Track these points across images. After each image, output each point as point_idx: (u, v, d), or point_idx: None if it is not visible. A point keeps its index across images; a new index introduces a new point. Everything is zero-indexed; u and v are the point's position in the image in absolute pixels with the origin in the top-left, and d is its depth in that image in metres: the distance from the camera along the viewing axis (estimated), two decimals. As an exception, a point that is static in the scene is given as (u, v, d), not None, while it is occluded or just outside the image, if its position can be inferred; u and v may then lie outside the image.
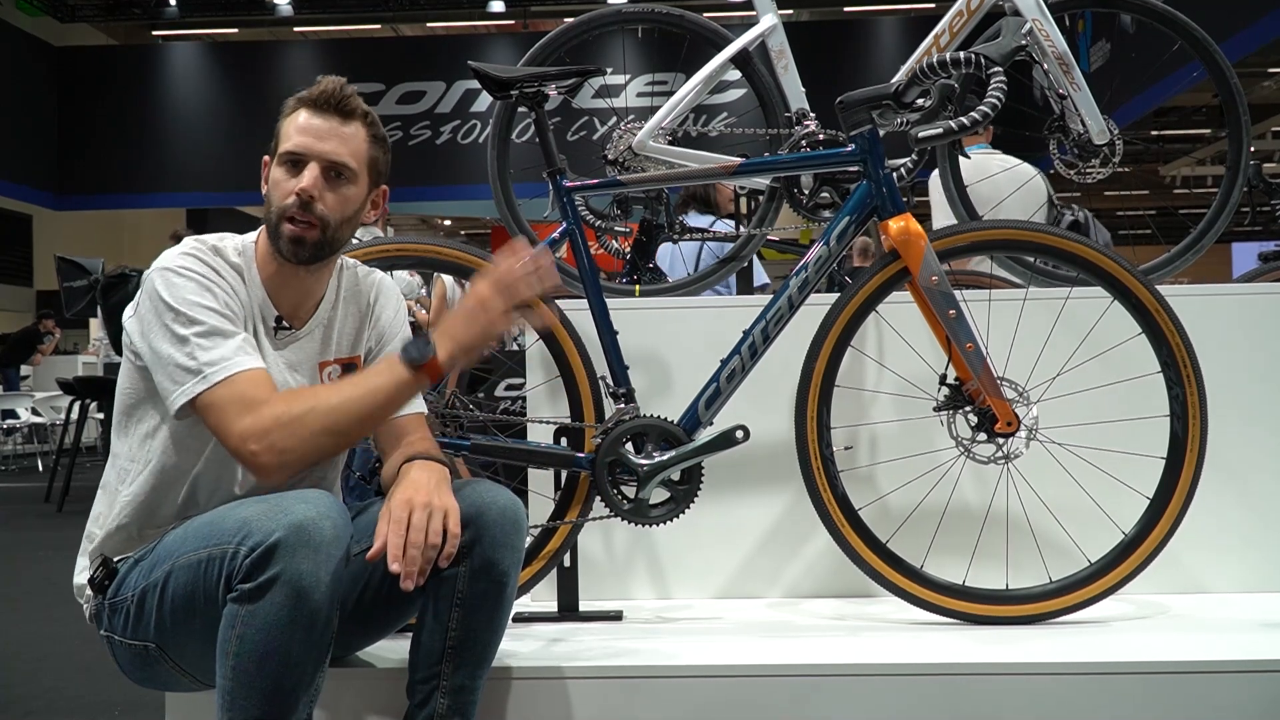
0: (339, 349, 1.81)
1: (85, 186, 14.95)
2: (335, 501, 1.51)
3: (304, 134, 1.67)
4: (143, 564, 1.61)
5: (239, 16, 16.05)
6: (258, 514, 1.45)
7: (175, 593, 1.53)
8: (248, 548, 1.43)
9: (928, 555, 2.12)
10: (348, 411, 1.57)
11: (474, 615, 1.63)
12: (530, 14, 15.59)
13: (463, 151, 13.95)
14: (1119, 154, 2.55)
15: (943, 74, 1.96)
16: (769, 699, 1.79)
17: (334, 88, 1.69)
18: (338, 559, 1.46)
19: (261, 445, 1.52)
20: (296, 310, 1.75)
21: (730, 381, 2.03)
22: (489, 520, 1.63)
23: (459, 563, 1.61)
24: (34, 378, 12.39)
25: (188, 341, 1.57)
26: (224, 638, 1.44)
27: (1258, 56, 9.92)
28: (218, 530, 1.49)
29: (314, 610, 1.42)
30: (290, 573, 1.41)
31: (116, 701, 2.94)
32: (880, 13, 15.50)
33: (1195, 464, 2.02)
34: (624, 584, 2.36)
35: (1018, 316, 2.23)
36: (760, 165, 2.31)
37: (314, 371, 1.77)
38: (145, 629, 1.58)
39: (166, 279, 1.61)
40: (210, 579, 1.47)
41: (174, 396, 1.57)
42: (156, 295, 1.61)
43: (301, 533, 1.42)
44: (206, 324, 1.59)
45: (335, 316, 1.80)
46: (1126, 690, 1.77)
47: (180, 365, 1.57)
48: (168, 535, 1.62)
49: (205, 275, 1.64)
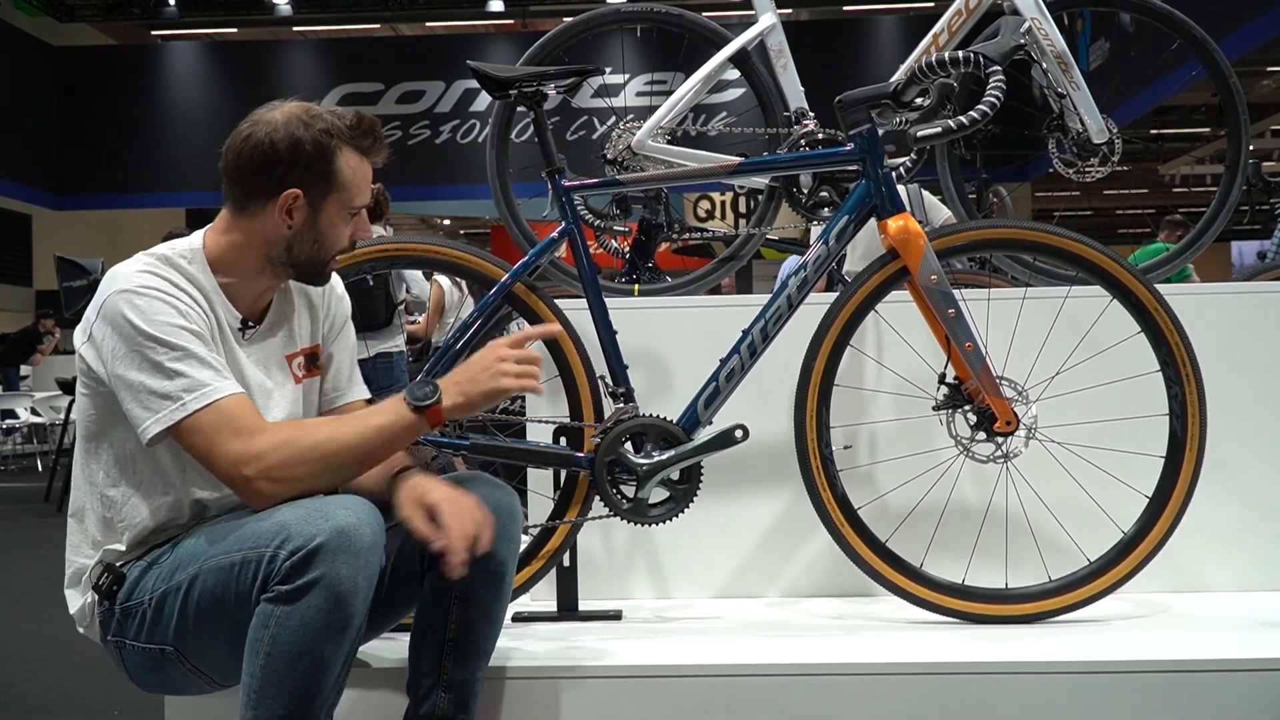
0: (300, 339, 1.81)
1: (85, 186, 14.94)
2: (371, 507, 1.50)
3: (367, 187, 1.71)
4: (159, 567, 1.58)
5: (238, 16, 16.04)
6: (297, 518, 1.44)
7: (202, 595, 1.51)
8: (288, 550, 1.42)
9: (927, 554, 2.12)
10: (348, 446, 1.56)
11: (473, 608, 1.64)
12: (529, 13, 15.58)
13: (462, 151, 13.95)
14: (1118, 153, 2.56)
15: (941, 73, 1.96)
16: (769, 698, 1.79)
17: (383, 138, 1.72)
18: (376, 565, 1.46)
19: (256, 471, 1.50)
20: (253, 308, 1.73)
21: (729, 381, 2.03)
22: (487, 511, 1.64)
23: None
24: (33, 378, 12.40)
25: (161, 367, 1.52)
26: (255, 636, 1.43)
27: (1256, 55, 9.92)
28: (254, 533, 1.48)
29: (350, 615, 1.43)
30: (330, 577, 1.41)
31: (116, 701, 2.94)
32: (879, 12, 15.50)
33: (1194, 463, 2.02)
34: (623, 583, 2.36)
35: (1017, 315, 2.23)
36: (759, 164, 2.31)
37: (283, 364, 1.77)
38: (164, 632, 1.56)
39: (130, 301, 1.55)
40: (244, 581, 1.46)
41: (148, 424, 1.52)
42: (123, 320, 1.54)
43: (343, 538, 1.42)
44: (182, 347, 1.54)
45: (289, 309, 1.80)
46: (1126, 689, 1.77)
47: (155, 391, 1.52)
48: (186, 539, 1.59)
49: (168, 292, 1.58)
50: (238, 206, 1.68)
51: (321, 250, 1.70)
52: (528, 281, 2.10)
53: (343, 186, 1.67)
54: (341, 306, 1.88)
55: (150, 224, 16.07)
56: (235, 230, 1.68)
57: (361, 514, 1.46)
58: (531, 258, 2.10)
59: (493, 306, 2.10)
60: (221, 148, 1.67)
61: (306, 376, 1.81)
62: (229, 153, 1.66)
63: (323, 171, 1.65)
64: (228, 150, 1.66)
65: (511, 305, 2.12)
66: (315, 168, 1.64)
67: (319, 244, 1.69)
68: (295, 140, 1.63)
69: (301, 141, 1.63)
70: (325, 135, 1.64)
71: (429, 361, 2.12)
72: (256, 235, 1.67)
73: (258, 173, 1.64)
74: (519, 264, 2.10)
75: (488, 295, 2.09)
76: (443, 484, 1.62)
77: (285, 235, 1.67)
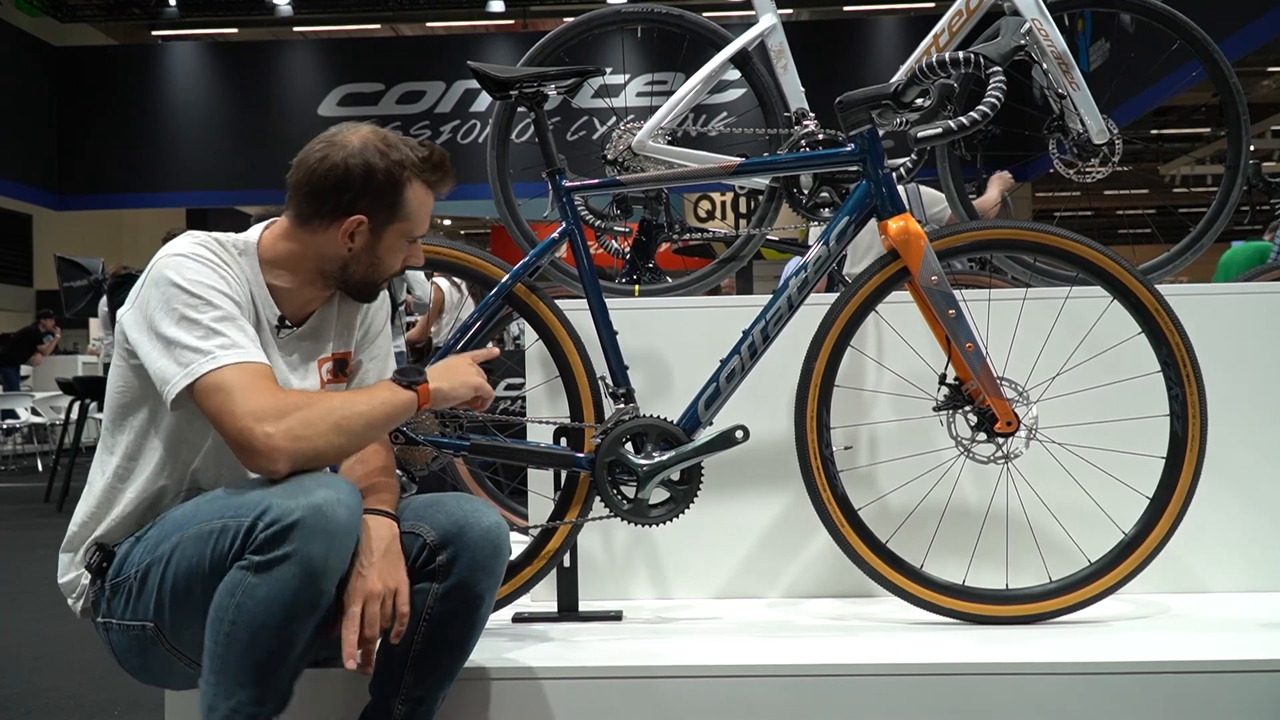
0: (335, 345, 1.82)
1: (85, 186, 14.94)
2: (353, 488, 1.53)
3: (428, 219, 1.75)
4: (146, 539, 1.60)
5: (239, 16, 16.05)
6: (280, 491, 1.47)
7: (180, 564, 1.52)
8: (266, 521, 1.44)
9: (927, 555, 2.12)
10: (360, 415, 1.59)
11: (441, 632, 1.64)
12: (530, 14, 15.59)
13: (462, 151, 13.93)
14: (1118, 153, 2.55)
15: (942, 74, 1.96)
16: (769, 699, 1.79)
17: (453, 173, 1.76)
18: (350, 546, 1.49)
19: (278, 428, 1.50)
20: (297, 313, 1.76)
21: (730, 381, 2.03)
22: (470, 540, 1.64)
23: (432, 579, 1.63)
24: (34, 378, 12.40)
25: (198, 324, 1.55)
26: (221, 604, 1.45)
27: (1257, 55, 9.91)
28: (235, 503, 1.49)
29: (319, 593, 1.45)
30: (303, 553, 1.42)
31: (116, 700, 2.94)
32: (880, 12, 15.50)
33: (1195, 463, 2.02)
34: (624, 584, 2.36)
35: (1017, 316, 2.23)
36: (760, 165, 2.31)
37: (312, 367, 1.79)
38: (145, 607, 1.57)
39: (178, 264, 1.59)
40: (220, 549, 1.47)
41: (177, 379, 1.53)
42: (165, 280, 1.58)
43: (320, 516, 1.44)
44: (220, 309, 1.57)
45: (332, 314, 1.81)
46: (1126, 690, 1.77)
47: (188, 345, 1.54)
48: (173, 511, 1.61)
49: (216, 262, 1.63)
50: (301, 220, 1.70)
51: (375, 273, 1.74)
52: (528, 282, 2.10)
53: (407, 217, 1.71)
54: (380, 315, 1.90)
55: (151, 224, 16.09)
56: (294, 240, 1.71)
57: (341, 493, 1.48)
58: (532, 258, 2.11)
59: (493, 307, 2.10)
60: (293, 160, 1.69)
61: (332, 381, 1.82)
62: (301, 168, 1.68)
63: (391, 201, 1.69)
64: (300, 165, 1.68)
65: (512, 306, 2.12)
66: (385, 197, 1.68)
67: (375, 267, 1.73)
68: (370, 168, 1.66)
69: (375, 170, 1.66)
70: (399, 166, 1.67)
71: (430, 362, 2.11)
72: (314, 249, 1.70)
73: (329, 194, 1.66)
74: (519, 264, 2.10)
75: (488, 296, 2.09)
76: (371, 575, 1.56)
77: (343, 256, 1.70)
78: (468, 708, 1.80)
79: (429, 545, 1.64)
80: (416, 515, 1.69)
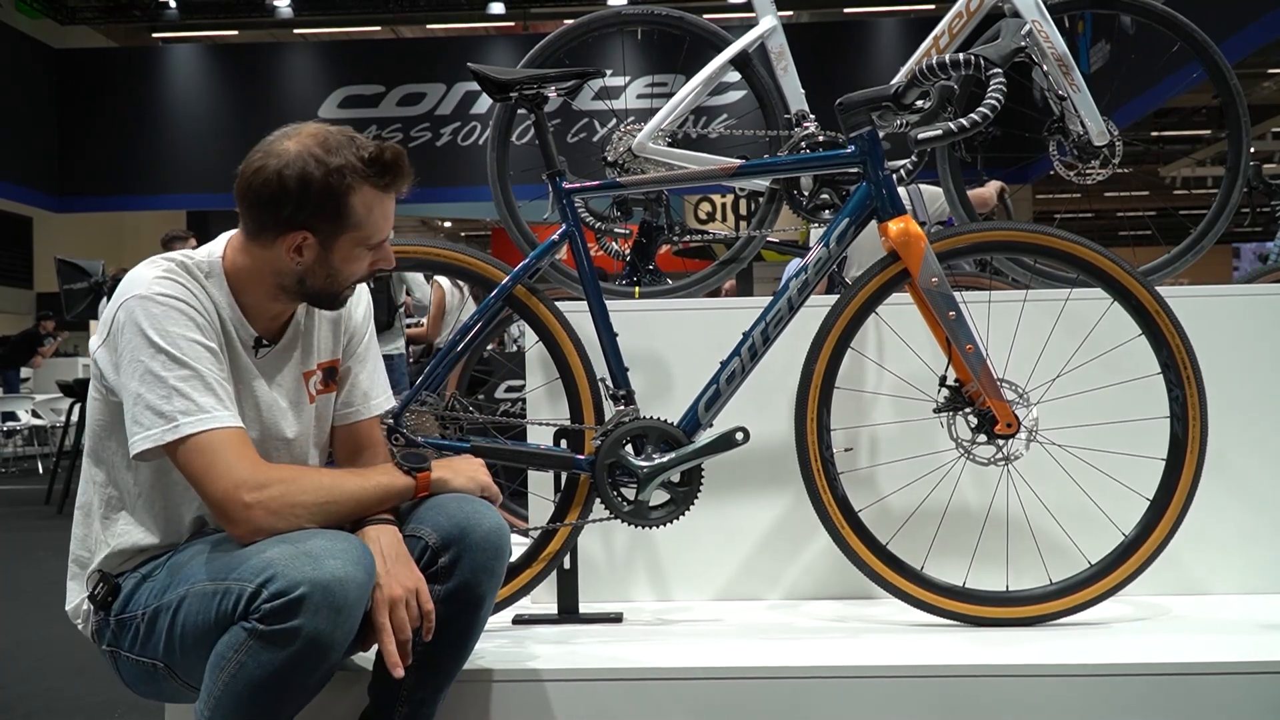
0: (319, 354, 1.78)
1: (85, 188, 14.94)
2: (363, 553, 1.48)
3: (387, 222, 1.65)
4: (153, 581, 1.58)
5: (239, 18, 16.04)
6: (286, 556, 1.41)
7: (188, 619, 1.50)
8: (270, 592, 1.39)
9: (928, 557, 2.12)
10: (349, 495, 1.57)
11: (442, 633, 1.61)
12: (530, 16, 15.59)
13: (463, 153, 13.95)
14: (1119, 155, 2.55)
15: (942, 75, 1.96)
16: (769, 701, 1.79)
17: (408, 171, 1.63)
18: (358, 619, 1.45)
19: (256, 498, 1.47)
20: (269, 327, 1.70)
21: (730, 383, 2.03)
22: (472, 542, 1.62)
23: (434, 581, 1.61)
24: (34, 380, 12.41)
25: (164, 383, 1.50)
26: (223, 654, 1.43)
27: (1257, 57, 9.92)
28: (238, 564, 1.45)
29: (322, 663, 1.43)
30: (310, 630, 1.39)
31: (116, 702, 2.94)
32: (880, 14, 15.51)
33: (1195, 465, 2.02)
34: (624, 586, 2.35)
35: (1017, 318, 2.23)
36: (760, 167, 2.31)
37: (299, 383, 1.74)
38: (155, 648, 1.55)
39: (145, 309, 1.53)
40: (224, 610, 1.44)
41: (136, 438, 1.50)
42: (136, 328, 1.52)
43: (328, 594, 1.39)
44: (191, 366, 1.52)
45: (311, 325, 1.77)
46: (1127, 692, 1.77)
47: (151, 407, 1.49)
48: (181, 552, 1.59)
49: (185, 300, 1.56)
50: (249, 234, 1.63)
51: (335, 283, 1.66)
52: (528, 284, 2.10)
53: (357, 225, 1.60)
54: (365, 318, 1.85)
55: (151, 226, 16.07)
56: (248, 255, 1.64)
57: (349, 565, 1.43)
58: (532, 260, 2.10)
59: (493, 309, 2.10)
60: (237, 168, 1.61)
61: (323, 392, 1.78)
62: (240, 180, 1.59)
63: (334, 212, 1.58)
64: (240, 176, 1.59)
65: (512, 307, 2.12)
66: (327, 208, 1.57)
67: (333, 278, 1.65)
68: (305, 179, 1.55)
69: (311, 181, 1.55)
70: (338, 174, 1.56)
71: (430, 362, 2.12)
72: (267, 265, 1.62)
73: (265, 208, 1.58)
74: (519, 266, 2.10)
75: (488, 297, 2.09)
76: (389, 581, 1.53)
77: (295, 270, 1.62)
78: (468, 709, 1.79)
79: (431, 547, 1.62)
80: (417, 517, 1.67)
